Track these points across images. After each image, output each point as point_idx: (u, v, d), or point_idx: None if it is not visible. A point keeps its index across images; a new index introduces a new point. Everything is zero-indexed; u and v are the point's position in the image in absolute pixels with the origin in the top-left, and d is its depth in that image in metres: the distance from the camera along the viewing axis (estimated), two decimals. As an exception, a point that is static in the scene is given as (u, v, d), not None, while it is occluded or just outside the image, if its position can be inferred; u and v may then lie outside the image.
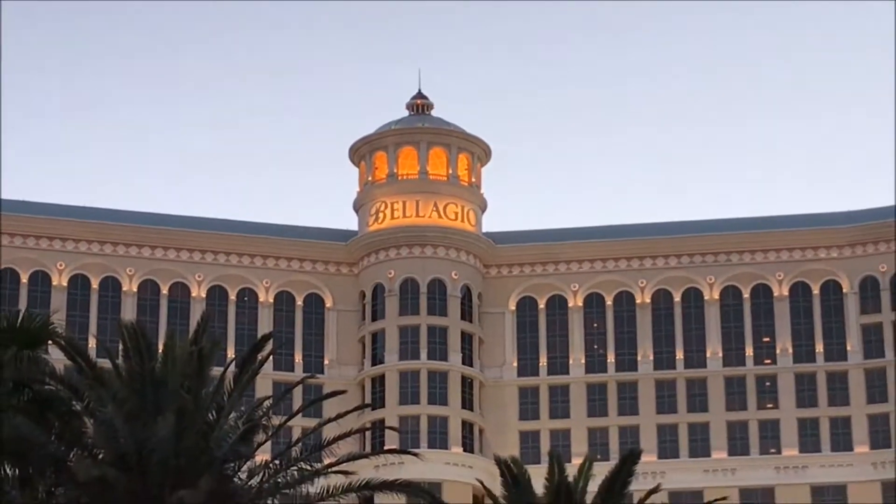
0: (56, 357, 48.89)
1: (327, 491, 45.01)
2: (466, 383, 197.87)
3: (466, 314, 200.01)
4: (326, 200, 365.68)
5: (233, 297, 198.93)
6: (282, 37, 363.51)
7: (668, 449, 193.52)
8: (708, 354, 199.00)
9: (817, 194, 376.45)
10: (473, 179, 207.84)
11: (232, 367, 46.06)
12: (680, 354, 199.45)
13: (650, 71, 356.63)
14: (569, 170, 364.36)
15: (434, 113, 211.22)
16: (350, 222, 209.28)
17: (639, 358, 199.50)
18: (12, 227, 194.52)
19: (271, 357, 51.19)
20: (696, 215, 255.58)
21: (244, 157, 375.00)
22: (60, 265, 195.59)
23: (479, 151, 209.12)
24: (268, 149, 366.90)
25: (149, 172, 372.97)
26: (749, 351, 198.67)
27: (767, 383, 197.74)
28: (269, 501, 44.62)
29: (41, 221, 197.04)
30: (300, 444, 46.13)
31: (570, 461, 45.41)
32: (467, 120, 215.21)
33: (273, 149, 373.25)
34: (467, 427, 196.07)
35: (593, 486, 44.68)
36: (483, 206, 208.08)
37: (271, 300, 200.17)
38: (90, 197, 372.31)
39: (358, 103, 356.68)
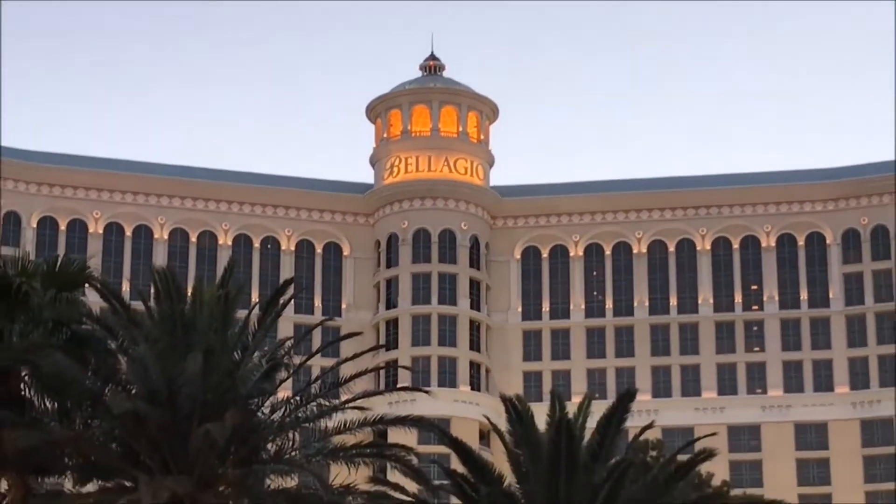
0: (92, 299, 48.86)
1: (344, 425, 45.04)
2: (474, 326, 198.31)
3: (474, 262, 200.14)
4: (344, 155, 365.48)
5: (257, 245, 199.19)
6: (305, 2, 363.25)
7: (661, 388, 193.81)
8: (699, 301, 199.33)
9: (803, 151, 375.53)
10: (482, 136, 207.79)
11: (256, 310, 45.98)
12: (673, 301, 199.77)
13: (649, 36, 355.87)
14: (573, 127, 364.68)
15: (445, 74, 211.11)
16: (366, 176, 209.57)
17: (635, 304, 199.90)
18: (51, 179, 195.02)
19: (292, 301, 51.22)
20: (691, 171, 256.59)
21: (268, 114, 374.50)
22: (96, 214, 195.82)
23: (488, 110, 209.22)
24: (290, 107, 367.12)
25: (179, 128, 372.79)
26: (738, 298, 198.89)
27: (755, 328, 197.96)
28: (290, 435, 44.59)
29: (79, 173, 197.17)
30: (319, 381, 46.08)
31: (570, 399, 45.37)
32: (477, 80, 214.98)
33: (295, 107, 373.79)
34: (475, 367, 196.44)
35: (591, 423, 44.58)
36: (491, 162, 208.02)
37: (293, 248, 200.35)
38: (124, 151, 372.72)
39: (374, 65, 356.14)
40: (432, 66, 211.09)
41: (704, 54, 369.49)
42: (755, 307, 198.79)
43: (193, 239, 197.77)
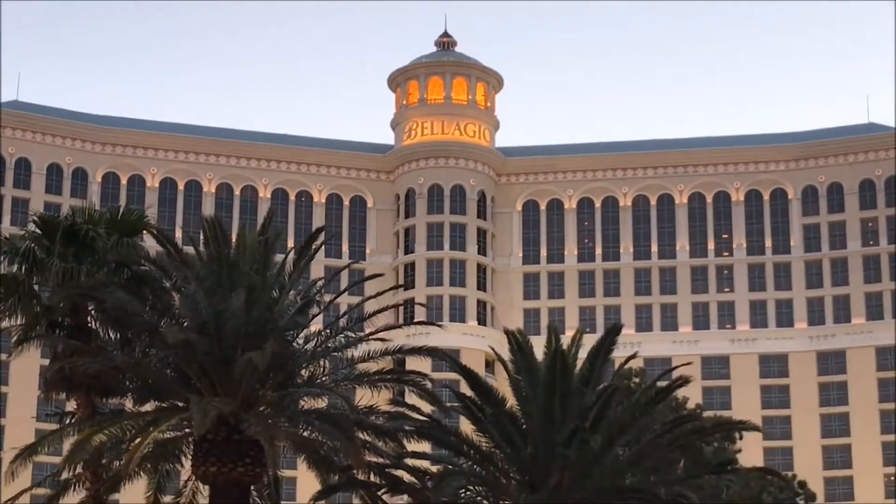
0: (149, 244, 49.02)
1: (368, 354, 45.11)
2: (481, 269, 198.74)
3: (481, 214, 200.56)
4: (368, 120, 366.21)
5: (292, 197, 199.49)
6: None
7: (643, 324, 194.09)
8: (677, 248, 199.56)
9: (771, 116, 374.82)
10: (489, 104, 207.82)
11: (291, 255, 46.05)
12: (654, 248, 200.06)
13: (637, 15, 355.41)
14: (569, 96, 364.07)
15: (457, 49, 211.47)
16: (388, 138, 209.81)
17: (621, 250, 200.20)
18: (114, 140, 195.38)
19: (323, 247, 51.14)
20: (671, 134, 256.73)
21: (301, 84, 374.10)
22: (153, 170, 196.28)
23: (494, 81, 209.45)
24: (321, 77, 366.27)
25: (225, 95, 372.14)
26: (711, 245, 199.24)
27: (725, 271, 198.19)
28: (321, 363, 44.67)
29: (138, 135, 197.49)
30: (346, 316, 46.18)
31: (564, 333, 45.62)
32: (485, 54, 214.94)
33: (325, 78, 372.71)
34: (481, 305, 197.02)
35: (583, 354, 44.65)
36: (496, 126, 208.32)
37: (323, 200, 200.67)
38: (177, 115, 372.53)
39: (394, 40, 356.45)
40: (446, 43, 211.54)
41: (689, 29, 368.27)
42: (725, 253, 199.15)
43: (237, 192, 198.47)
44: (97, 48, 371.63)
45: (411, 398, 45.49)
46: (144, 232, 48.97)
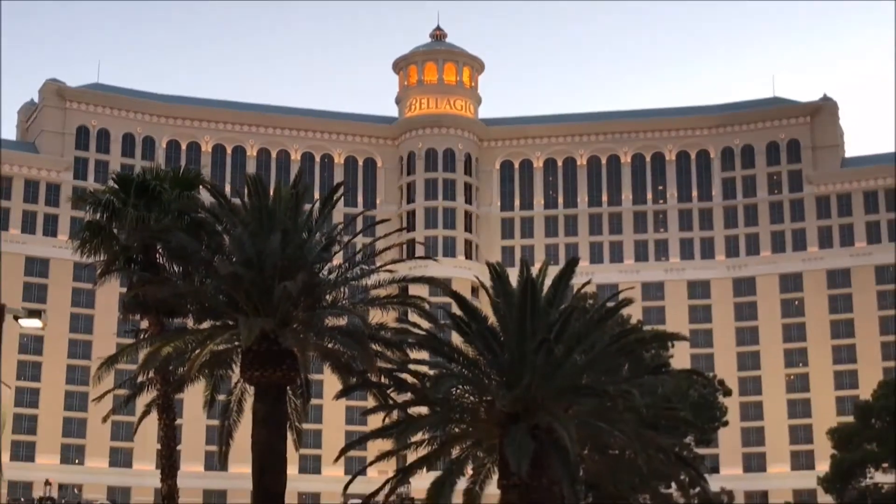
0: (204, 197, 49.02)
1: (378, 283, 45.19)
2: (468, 215, 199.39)
3: (468, 171, 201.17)
4: (377, 97, 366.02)
5: (318, 159, 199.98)
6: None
7: (596, 257, 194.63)
8: (623, 197, 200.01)
9: (696, 91, 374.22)
10: (473, 84, 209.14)
11: (317, 205, 46.06)
12: (605, 197, 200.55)
13: (588, 13, 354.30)
14: (538, 76, 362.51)
15: (447, 40, 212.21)
16: (393, 111, 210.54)
17: (578, 200, 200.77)
18: (175, 113, 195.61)
19: (342, 198, 51.20)
20: (617, 107, 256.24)
21: (324, 68, 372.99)
22: (206, 138, 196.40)
23: (477, 65, 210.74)
24: (340, 63, 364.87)
25: (264, 75, 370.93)
26: (649, 195, 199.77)
27: (660, 216, 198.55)
28: (341, 290, 44.78)
29: (194, 109, 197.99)
30: (361, 253, 46.25)
31: (533, 265, 45.65)
32: (470, 43, 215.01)
33: (344, 63, 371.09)
34: (468, 243, 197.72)
35: (548, 281, 44.71)
36: (479, 101, 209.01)
37: (342, 161, 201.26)
38: (226, 92, 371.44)
39: (396, 32, 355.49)
40: (438, 35, 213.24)
41: (633, 22, 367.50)
42: (661, 202, 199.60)
43: (273, 155, 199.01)
44: (161, 39, 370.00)
45: (413, 317, 45.61)
46: (200, 187, 49.00)
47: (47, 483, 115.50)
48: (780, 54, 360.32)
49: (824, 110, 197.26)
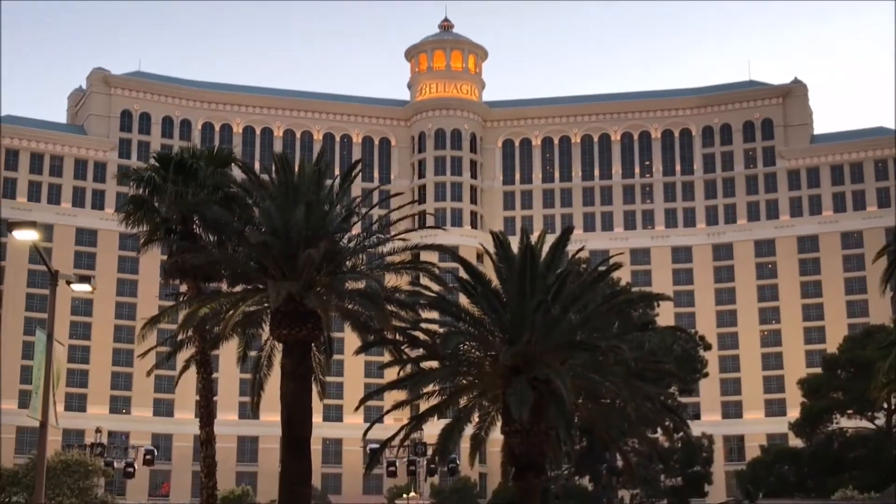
0: (236, 173, 48.95)
1: (392, 250, 45.26)
2: (473, 189, 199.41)
3: (473, 149, 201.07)
4: (391, 82, 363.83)
5: (338, 139, 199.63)
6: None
7: (589, 226, 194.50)
8: (613, 171, 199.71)
9: (680, 74, 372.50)
10: (477, 70, 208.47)
11: (337, 180, 45.98)
12: (597, 172, 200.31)
13: (583, 7, 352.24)
14: (535, 63, 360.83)
15: (454, 30, 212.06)
16: (405, 95, 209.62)
17: (573, 175, 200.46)
18: (210, 98, 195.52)
19: (360, 174, 51.30)
20: (608, 90, 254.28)
21: (342, 56, 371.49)
22: (237, 120, 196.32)
23: (481, 53, 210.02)
24: (358, 51, 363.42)
25: (289, 62, 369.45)
26: (637, 169, 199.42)
27: (647, 188, 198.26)
28: (360, 256, 44.79)
29: (226, 95, 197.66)
30: (377, 223, 46.25)
31: (532, 233, 45.61)
32: (475, 33, 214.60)
33: (361, 52, 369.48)
34: (474, 214, 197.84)
35: (546, 248, 44.69)
36: (482, 86, 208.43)
37: (360, 141, 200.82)
38: (255, 79, 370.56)
39: (407, 23, 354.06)
40: (446, 26, 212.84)
41: (624, 10, 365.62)
42: (647, 175, 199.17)
43: (298, 136, 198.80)
44: (195, 30, 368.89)
45: (424, 281, 45.66)
46: (232, 164, 48.99)
47: (98, 431, 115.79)
48: (755, 40, 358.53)
49: (795, 92, 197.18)
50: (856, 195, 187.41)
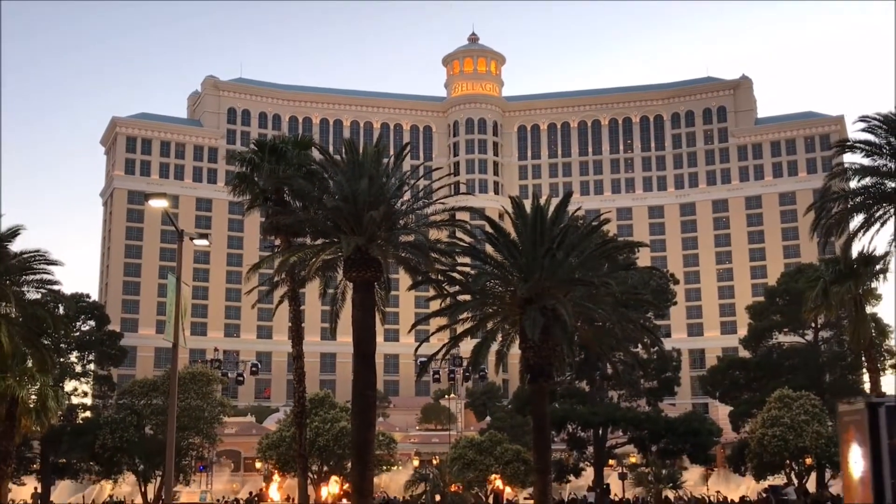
0: (315, 154, 48.99)
1: (434, 212, 44.96)
2: (496, 164, 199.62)
3: (495, 133, 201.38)
4: (432, 82, 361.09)
5: (392, 126, 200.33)
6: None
7: (585, 191, 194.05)
8: (603, 149, 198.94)
9: (653, 71, 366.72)
10: (497, 72, 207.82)
11: (392, 159, 45.68)
12: (590, 149, 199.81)
13: (583, 10, 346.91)
14: (544, 66, 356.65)
15: (480, 42, 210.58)
16: (443, 93, 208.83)
17: (572, 152, 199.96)
18: (294, 98, 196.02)
19: (409, 153, 51.00)
20: (598, 85, 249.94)
21: (394, 62, 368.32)
22: (315, 114, 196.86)
23: (501, 59, 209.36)
24: (408, 58, 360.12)
25: (355, 65, 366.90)
26: (621, 146, 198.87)
27: (629, 161, 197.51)
28: (410, 216, 44.51)
29: (307, 95, 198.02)
30: (423, 191, 46.03)
31: (541, 196, 45.47)
32: (496, 42, 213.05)
33: (409, 58, 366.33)
34: (496, 183, 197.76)
35: (552, 208, 44.46)
36: (502, 85, 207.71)
37: (408, 128, 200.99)
38: (328, 81, 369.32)
39: (444, 35, 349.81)
40: (473, 38, 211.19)
41: (613, 18, 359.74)
42: (629, 151, 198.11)
43: (361, 125, 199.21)
44: (283, 42, 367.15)
45: (459, 234, 45.54)
46: (312, 148, 48.89)
47: (215, 350, 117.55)
48: (712, 42, 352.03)
49: (743, 85, 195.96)
50: (790, 164, 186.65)
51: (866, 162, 41.35)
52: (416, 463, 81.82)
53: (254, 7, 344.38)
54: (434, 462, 69.55)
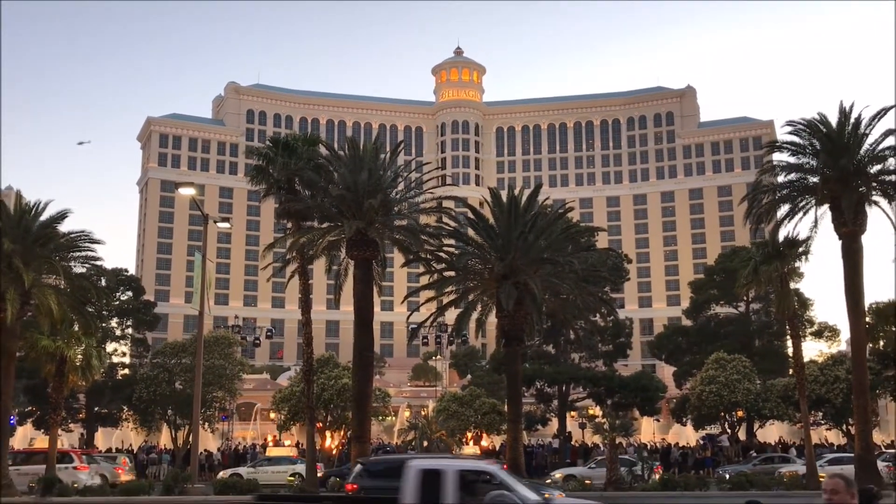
0: (322, 150, 48.69)
1: (424, 200, 44.95)
2: (477, 160, 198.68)
3: (477, 133, 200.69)
4: (422, 88, 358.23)
5: (388, 127, 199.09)
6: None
7: (553, 183, 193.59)
8: (569, 148, 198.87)
9: (611, 80, 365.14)
10: (479, 81, 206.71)
11: (388, 154, 45.40)
12: (558, 147, 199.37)
13: (558, 18, 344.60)
14: (521, 74, 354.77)
15: (464, 54, 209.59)
16: (432, 98, 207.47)
17: (542, 150, 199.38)
18: (304, 101, 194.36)
19: (402, 150, 50.72)
20: (566, 92, 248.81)
21: (389, 71, 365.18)
22: (322, 116, 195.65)
23: (482, 69, 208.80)
24: (401, 68, 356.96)
25: (357, 72, 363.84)
26: (584, 145, 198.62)
27: (591, 158, 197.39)
28: (403, 204, 44.44)
29: (314, 99, 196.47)
30: (414, 182, 45.96)
31: (515, 188, 45.36)
32: (477, 54, 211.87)
33: (402, 68, 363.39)
34: (477, 176, 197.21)
35: (524, 198, 44.49)
36: (482, 91, 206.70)
37: (402, 128, 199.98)
38: (332, 86, 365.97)
39: (432, 48, 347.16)
40: (458, 51, 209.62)
41: (581, 30, 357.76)
42: (591, 150, 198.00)
43: (362, 125, 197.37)
44: (294, 51, 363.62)
45: (445, 220, 45.54)
46: (319, 144, 48.54)
47: (235, 317, 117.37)
48: (662, 54, 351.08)
49: (688, 94, 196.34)
50: (727, 161, 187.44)
51: (792, 160, 41.73)
52: (407, 414, 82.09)
53: (273, 20, 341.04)
54: (423, 413, 69.94)
